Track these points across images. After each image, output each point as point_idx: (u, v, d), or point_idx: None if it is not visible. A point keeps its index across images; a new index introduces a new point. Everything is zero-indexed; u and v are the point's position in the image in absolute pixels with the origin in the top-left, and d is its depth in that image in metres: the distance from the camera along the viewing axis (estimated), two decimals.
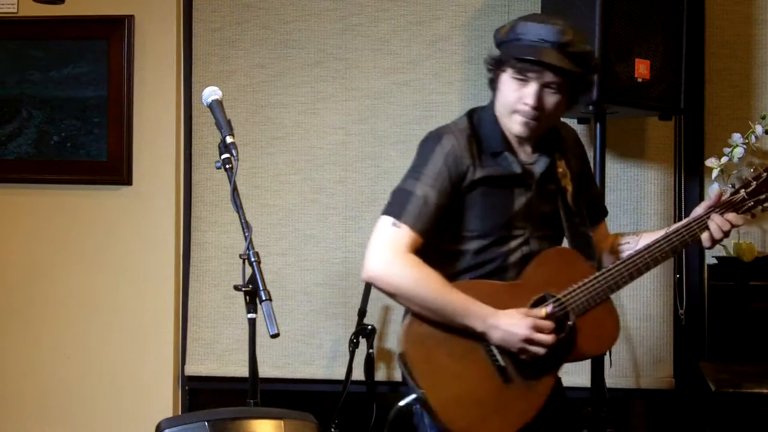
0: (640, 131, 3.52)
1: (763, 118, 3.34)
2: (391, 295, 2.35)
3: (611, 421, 3.09)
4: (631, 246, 2.55)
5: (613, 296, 2.43)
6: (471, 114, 2.47)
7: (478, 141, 2.41)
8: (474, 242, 2.40)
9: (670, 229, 2.46)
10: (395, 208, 2.36)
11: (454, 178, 2.36)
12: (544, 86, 2.33)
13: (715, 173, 3.27)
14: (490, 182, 2.38)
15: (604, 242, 2.65)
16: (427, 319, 2.32)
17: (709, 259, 3.41)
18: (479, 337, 2.33)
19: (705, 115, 3.49)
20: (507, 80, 2.36)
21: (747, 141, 3.28)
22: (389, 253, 2.32)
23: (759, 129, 3.30)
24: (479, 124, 2.43)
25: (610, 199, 3.42)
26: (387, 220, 2.36)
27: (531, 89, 2.33)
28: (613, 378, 3.33)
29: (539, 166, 2.43)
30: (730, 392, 2.83)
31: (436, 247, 2.38)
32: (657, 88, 3.08)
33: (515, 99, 2.35)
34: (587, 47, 2.40)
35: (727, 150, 3.28)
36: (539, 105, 2.34)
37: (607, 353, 3.13)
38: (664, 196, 3.49)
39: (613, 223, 3.36)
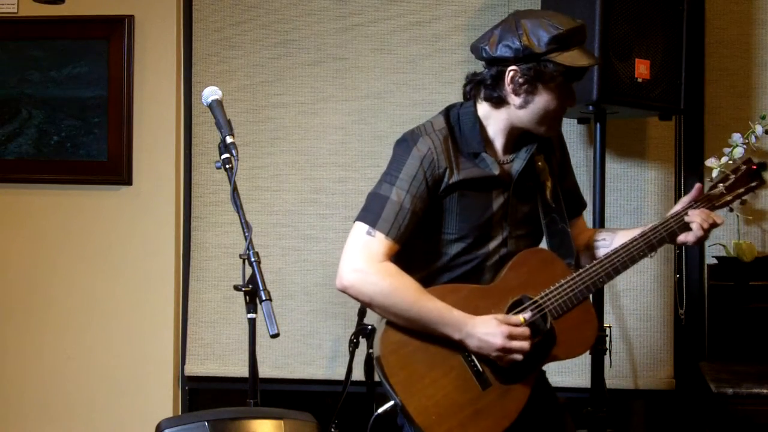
0: (640, 131, 3.51)
1: (763, 118, 3.34)
2: (367, 304, 2.31)
3: (611, 421, 3.09)
4: (606, 243, 2.50)
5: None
6: (448, 112, 2.41)
7: (455, 142, 2.35)
8: (452, 245, 2.36)
9: (648, 227, 2.42)
10: (370, 214, 2.31)
11: (430, 182, 2.31)
12: None
13: (715, 173, 3.27)
14: (467, 185, 2.34)
15: (582, 237, 2.60)
16: (402, 326, 2.29)
17: (709, 259, 3.42)
18: (457, 344, 2.29)
19: (705, 115, 3.49)
20: (554, 89, 2.30)
21: (747, 141, 3.28)
22: (363, 262, 2.27)
23: (759, 129, 3.31)
24: (457, 123, 2.38)
25: (610, 199, 3.42)
26: (361, 228, 2.30)
27: (572, 87, 2.34)
28: (612, 378, 3.33)
29: (517, 164, 2.39)
30: (730, 392, 2.83)
31: (413, 249, 2.35)
32: (657, 88, 3.07)
33: (561, 103, 2.33)
34: None
35: (727, 150, 3.28)
36: None
37: (607, 353, 3.14)
38: (665, 196, 3.49)
39: (613, 224, 3.37)
